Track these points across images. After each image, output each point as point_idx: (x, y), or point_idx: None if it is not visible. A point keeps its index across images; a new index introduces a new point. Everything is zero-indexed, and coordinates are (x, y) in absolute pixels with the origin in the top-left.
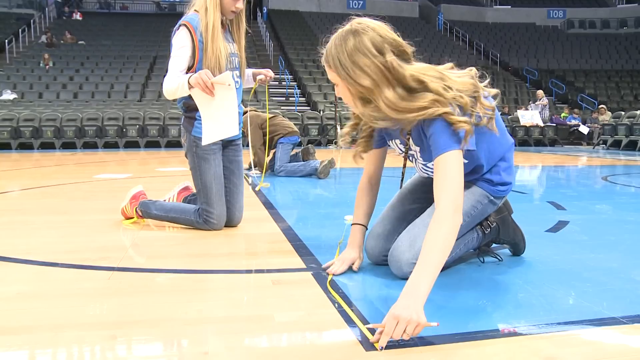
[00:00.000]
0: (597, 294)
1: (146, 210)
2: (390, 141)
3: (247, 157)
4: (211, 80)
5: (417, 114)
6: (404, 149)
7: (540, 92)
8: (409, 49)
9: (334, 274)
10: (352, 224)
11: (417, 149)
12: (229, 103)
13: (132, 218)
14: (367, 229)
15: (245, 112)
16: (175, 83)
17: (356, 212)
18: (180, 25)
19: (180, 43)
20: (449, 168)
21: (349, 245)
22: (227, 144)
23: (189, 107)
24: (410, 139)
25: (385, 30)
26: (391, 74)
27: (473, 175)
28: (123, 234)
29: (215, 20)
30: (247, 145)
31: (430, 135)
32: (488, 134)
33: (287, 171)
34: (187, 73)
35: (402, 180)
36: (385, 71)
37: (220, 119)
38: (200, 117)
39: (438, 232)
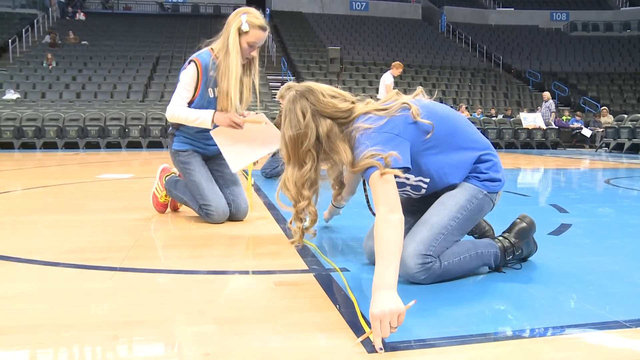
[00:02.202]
0: (599, 297)
1: (170, 189)
2: None
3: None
4: (244, 120)
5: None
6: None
7: (545, 94)
8: (347, 105)
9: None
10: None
11: None
12: (263, 138)
13: (164, 195)
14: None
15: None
16: (192, 115)
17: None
18: (190, 61)
19: (187, 78)
20: (378, 182)
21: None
22: (209, 158)
23: (174, 125)
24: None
25: (319, 96)
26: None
27: (452, 187)
28: (125, 234)
29: (238, 66)
30: None
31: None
32: (440, 147)
33: (277, 171)
34: (188, 104)
35: (370, 209)
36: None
37: (243, 151)
38: (178, 133)
39: (382, 229)
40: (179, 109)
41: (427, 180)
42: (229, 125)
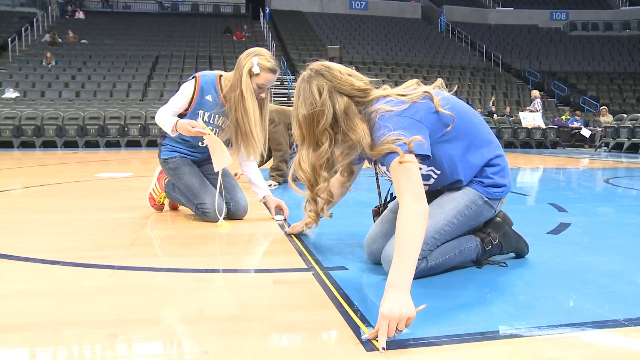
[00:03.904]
0: (598, 296)
1: (169, 192)
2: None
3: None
4: (195, 129)
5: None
6: (375, 172)
7: (533, 92)
8: (364, 84)
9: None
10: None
11: (384, 168)
12: (215, 145)
13: (161, 197)
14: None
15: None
16: (164, 120)
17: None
18: (194, 77)
19: (185, 92)
20: (400, 169)
21: (301, 221)
22: (199, 164)
23: (162, 134)
24: (377, 163)
25: (337, 73)
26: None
27: (458, 184)
28: (124, 233)
29: (255, 108)
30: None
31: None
32: (455, 142)
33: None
34: (180, 115)
35: (379, 196)
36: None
37: (220, 155)
38: (165, 143)
39: (406, 224)
40: (161, 113)
41: (439, 172)
42: (188, 132)
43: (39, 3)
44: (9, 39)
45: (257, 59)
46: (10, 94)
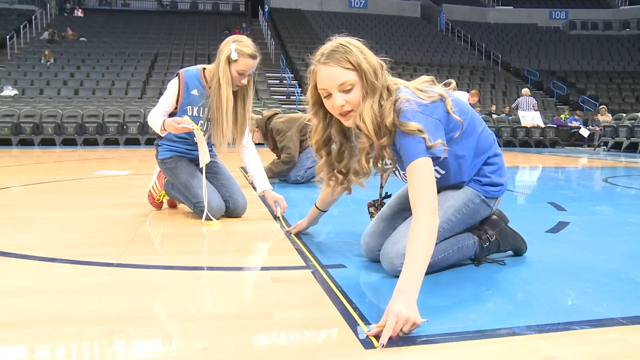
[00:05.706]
0: (596, 294)
1: (168, 190)
2: None
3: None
4: (181, 125)
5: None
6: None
7: (524, 90)
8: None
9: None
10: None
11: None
12: (200, 142)
13: (160, 195)
14: (321, 211)
15: (270, 117)
16: (154, 121)
17: (320, 197)
18: (177, 75)
19: (171, 89)
20: (421, 174)
21: (305, 219)
22: (197, 163)
23: (158, 136)
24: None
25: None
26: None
27: (461, 185)
28: (123, 230)
29: (230, 97)
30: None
31: (399, 146)
32: (460, 145)
33: (306, 177)
34: (170, 114)
35: (381, 187)
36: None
37: (202, 150)
38: (161, 144)
39: (420, 234)
40: (151, 115)
41: (443, 172)
42: (175, 129)
43: (38, 0)
44: (8, 37)
45: (236, 45)
46: (9, 91)
